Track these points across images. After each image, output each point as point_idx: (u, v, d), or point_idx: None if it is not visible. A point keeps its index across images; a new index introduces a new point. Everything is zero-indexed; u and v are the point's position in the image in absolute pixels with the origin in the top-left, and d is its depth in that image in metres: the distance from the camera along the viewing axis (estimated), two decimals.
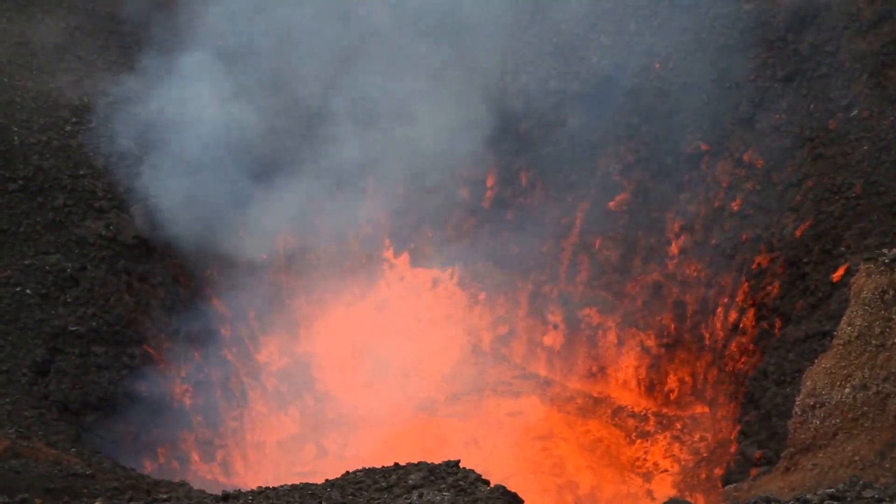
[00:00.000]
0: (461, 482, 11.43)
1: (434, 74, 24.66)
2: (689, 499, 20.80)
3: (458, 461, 12.31)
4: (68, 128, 21.09)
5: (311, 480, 12.61)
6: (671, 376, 24.30)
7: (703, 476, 21.60)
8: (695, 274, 23.36)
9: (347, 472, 12.53)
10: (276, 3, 24.78)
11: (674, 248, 23.91)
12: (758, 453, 16.55)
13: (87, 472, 13.64)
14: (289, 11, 24.48)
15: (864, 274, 12.88)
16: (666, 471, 23.03)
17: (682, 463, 22.96)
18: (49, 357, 17.62)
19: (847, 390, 12.11)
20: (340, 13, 25.14)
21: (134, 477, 14.96)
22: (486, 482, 11.64)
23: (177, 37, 23.90)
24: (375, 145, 24.37)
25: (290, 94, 23.91)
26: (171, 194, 20.79)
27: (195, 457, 20.70)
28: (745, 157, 21.99)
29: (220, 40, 23.87)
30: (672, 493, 21.84)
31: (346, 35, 24.90)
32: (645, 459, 23.63)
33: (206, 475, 20.49)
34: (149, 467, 18.67)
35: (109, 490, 13.19)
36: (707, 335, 23.10)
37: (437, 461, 12.28)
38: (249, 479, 21.56)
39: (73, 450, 15.30)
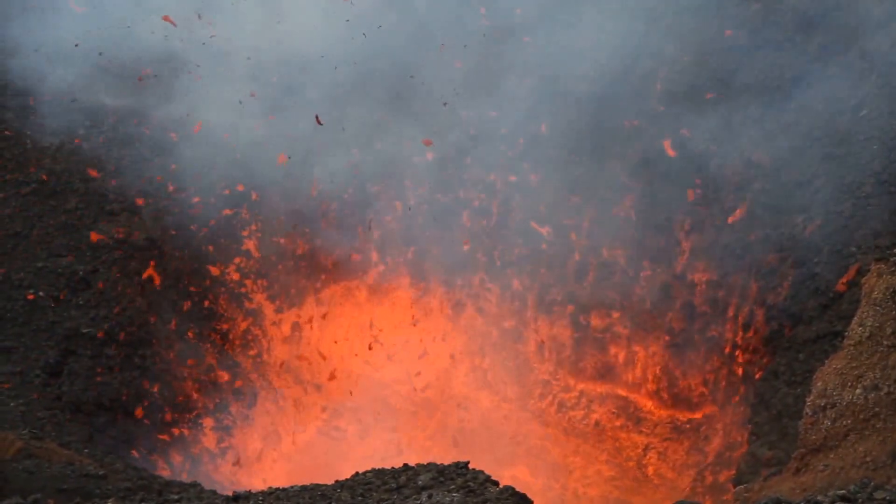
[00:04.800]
0: (470, 483, 11.44)
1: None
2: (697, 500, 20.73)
3: (468, 462, 12.32)
4: (81, 131, 21.26)
5: (321, 481, 12.66)
6: (680, 379, 24.20)
7: (712, 479, 21.52)
8: (703, 275, 23.26)
9: (357, 473, 12.55)
10: None
11: (682, 249, 23.83)
12: (768, 454, 16.48)
13: (100, 473, 13.74)
14: None
15: (875, 274, 12.85)
16: (671, 476, 22.94)
17: (691, 465, 22.88)
18: (62, 359, 17.76)
19: (858, 391, 12.06)
20: None
21: (146, 477, 15.05)
22: (496, 483, 11.65)
23: None
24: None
25: None
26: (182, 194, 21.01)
27: (206, 457, 20.81)
28: (754, 157, 21.92)
29: None
30: (680, 495, 21.78)
31: None
32: (651, 462, 23.56)
33: (216, 476, 20.59)
34: (161, 468, 18.79)
35: (121, 490, 13.29)
36: (716, 336, 23.00)
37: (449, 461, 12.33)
38: (260, 479, 21.64)
39: (85, 450, 15.42)
